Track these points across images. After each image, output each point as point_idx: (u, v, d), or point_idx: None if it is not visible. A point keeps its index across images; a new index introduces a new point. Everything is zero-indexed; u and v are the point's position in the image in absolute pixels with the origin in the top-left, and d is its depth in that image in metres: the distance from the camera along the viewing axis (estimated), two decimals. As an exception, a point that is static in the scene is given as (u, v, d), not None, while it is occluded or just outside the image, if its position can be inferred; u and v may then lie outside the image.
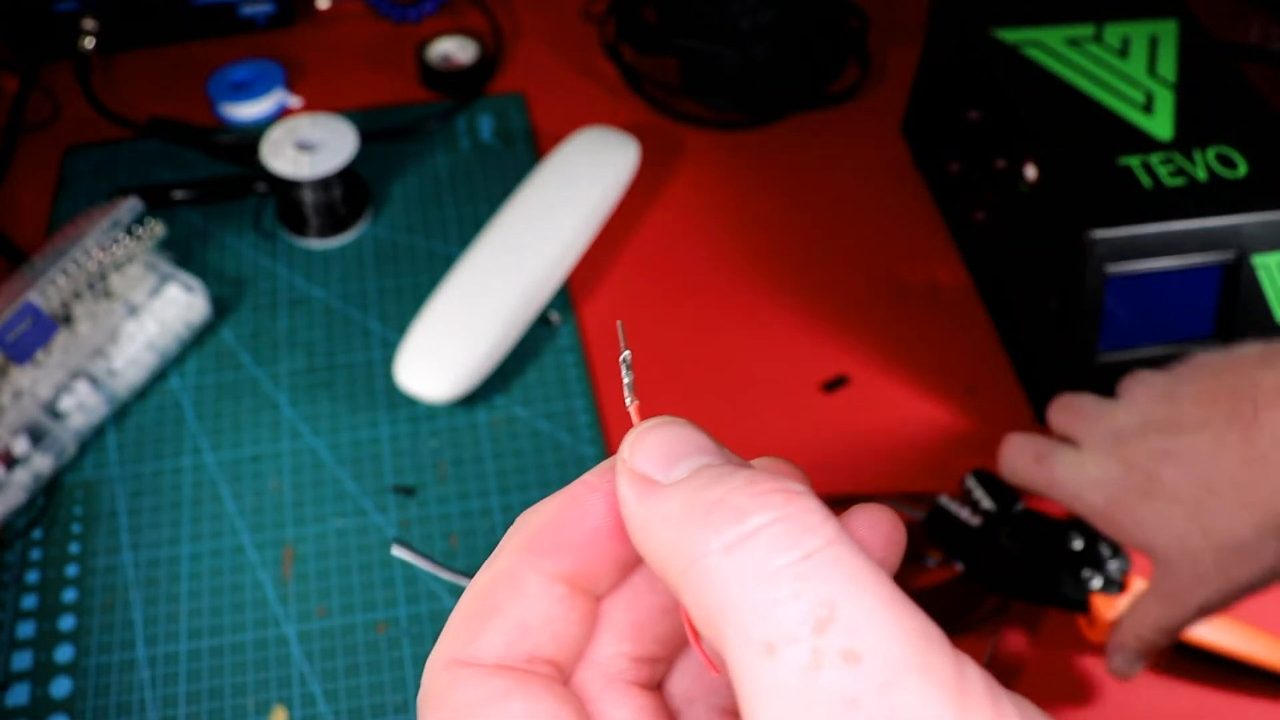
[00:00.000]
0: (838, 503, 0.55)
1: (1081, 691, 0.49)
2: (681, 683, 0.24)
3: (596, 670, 0.23)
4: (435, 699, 0.21)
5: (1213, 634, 0.47)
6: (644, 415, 0.23)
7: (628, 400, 0.24)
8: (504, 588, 0.22)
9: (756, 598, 0.18)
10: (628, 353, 0.24)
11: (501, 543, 0.23)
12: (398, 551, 0.26)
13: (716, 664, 0.22)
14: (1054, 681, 0.49)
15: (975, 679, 0.17)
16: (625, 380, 0.24)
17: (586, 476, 0.23)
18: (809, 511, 0.19)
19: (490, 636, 0.21)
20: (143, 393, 0.59)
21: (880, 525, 0.22)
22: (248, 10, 0.77)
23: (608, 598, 0.23)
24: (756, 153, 0.72)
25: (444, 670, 0.21)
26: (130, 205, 0.59)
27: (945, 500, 0.51)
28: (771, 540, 0.18)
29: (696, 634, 0.22)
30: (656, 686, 0.24)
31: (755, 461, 0.23)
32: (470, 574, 0.24)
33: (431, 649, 0.21)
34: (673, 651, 0.24)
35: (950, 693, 0.17)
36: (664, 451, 0.21)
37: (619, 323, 0.24)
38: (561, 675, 0.22)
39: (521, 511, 0.22)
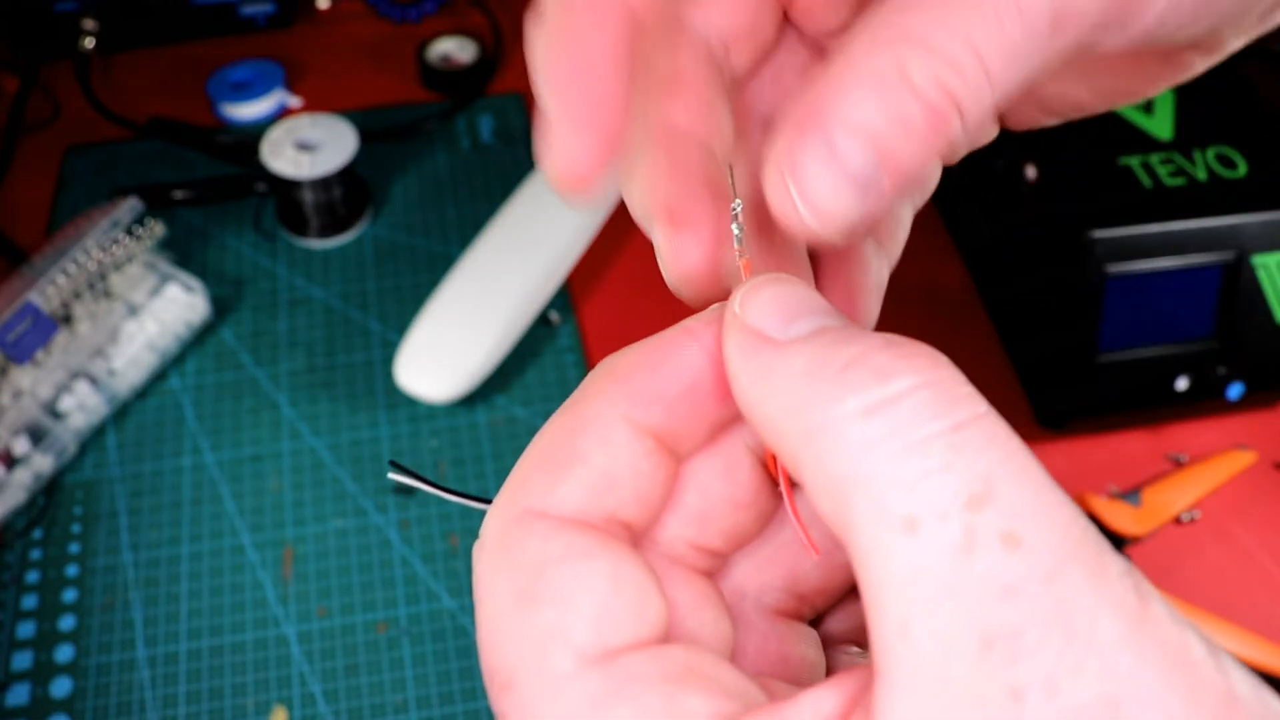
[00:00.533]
0: None
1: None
2: (733, 576, 0.22)
3: (657, 551, 0.21)
4: (501, 552, 0.19)
5: (1212, 638, 0.47)
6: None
7: (737, 253, 0.21)
8: (590, 433, 0.19)
9: (901, 467, 0.15)
10: (739, 202, 0.21)
11: (583, 385, 0.20)
12: (394, 475, 0.24)
13: (821, 544, 0.20)
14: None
15: (1142, 579, 0.15)
16: (735, 232, 0.21)
17: (687, 322, 0.20)
18: (956, 379, 0.16)
19: (570, 487, 0.19)
20: (143, 393, 0.59)
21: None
22: (248, 10, 0.77)
23: (682, 476, 0.21)
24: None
25: (515, 521, 0.19)
26: (130, 205, 0.59)
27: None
28: (919, 406, 0.16)
29: (796, 508, 0.20)
30: (709, 576, 0.22)
31: None
32: (471, 496, 0.23)
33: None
34: (733, 548, 0.22)
35: (1121, 589, 0.15)
36: (783, 307, 0.18)
37: (729, 166, 0.21)
38: (633, 541, 0.20)
39: None
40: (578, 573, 0.18)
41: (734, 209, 0.21)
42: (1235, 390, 0.55)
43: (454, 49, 0.76)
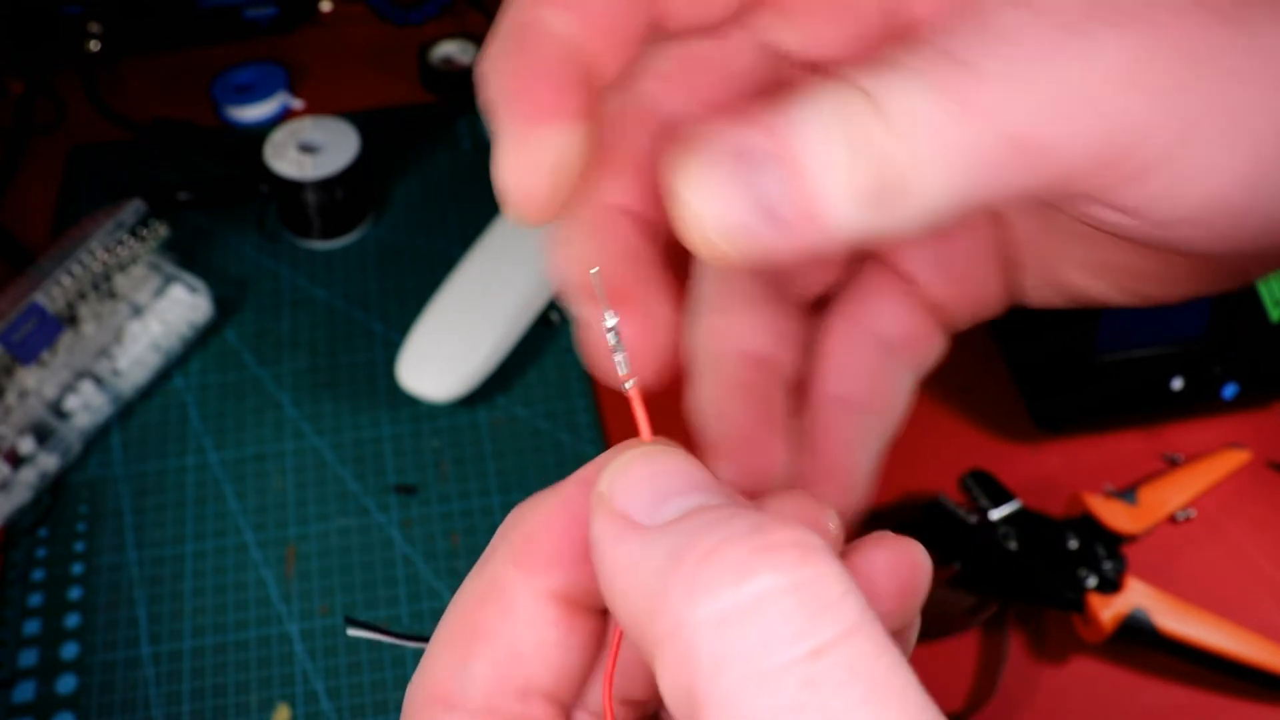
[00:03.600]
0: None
1: (1077, 691, 0.50)
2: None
3: (586, 711, 0.20)
4: None
5: (1206, 634, 0.48)
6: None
7: (623, 380, 0.19)
8: (492, 607, 0.19)
9: (750, 700, 0.14)
10: (612, 317, 0.19)
11: (489, 547, 0.20)
12: (353, 631, 0.23)
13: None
14: (1049, 680, 0.50)
15: None
16: (613, 351, 0.20)
17: (582, 472, 0.19)
18: (827, 579, 0.14)
19: (477, 667, 0.18)
20: (147, 393, 0.59)
21: (902, 568, 0.19)
22: (251, 13, 0.77)
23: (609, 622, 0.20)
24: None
25: (423, 707, 0.18)
26: (134, 207, 0.60)
27: (942, 500, 0.51)
28: (777, 618, 0.14)
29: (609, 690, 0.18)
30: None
31: (771, 499, 0.19)
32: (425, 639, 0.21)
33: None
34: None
35: None
36: (652, 486, 0.17)
37: (594, 271, 0.20)
38: (561, 713, 0.19)
39: None
40: None
41: (607, 325, 0.20)
42: (1230, 390, 0.55)
43: (455, 51, 0.76)
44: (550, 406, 0.59)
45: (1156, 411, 0.57)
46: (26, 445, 0.54)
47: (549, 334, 0.62)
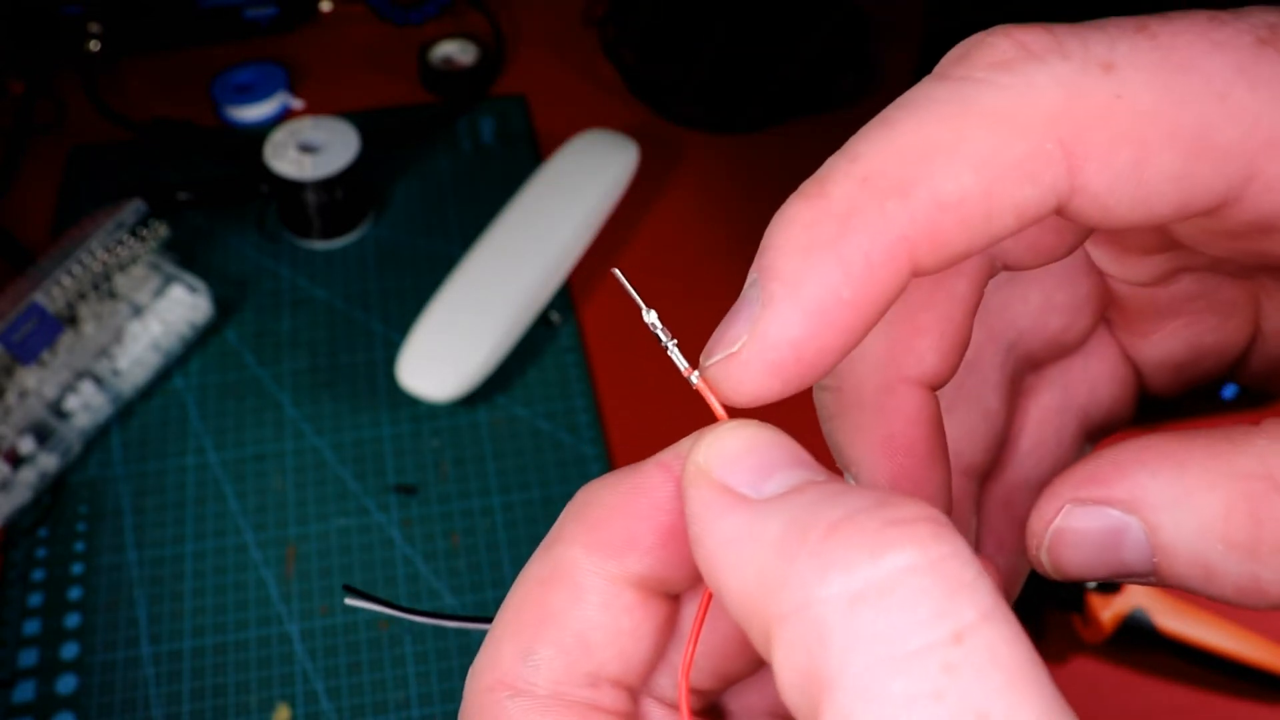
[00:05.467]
0: None
1: (1077, 691, 0.50)
2: (734, 699, 0.21)
3: (653, 698, 0.19)
4: None
5: (1206, 634, 0.48)
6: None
7: (687, 373, 0.19)
8: (561, 590, 0.18)
9: (885, 685, 0.13)
10: (653, 313, 0.19)
11: (556, 526, 0.19)
12: (351, 601, 0.22)
13: None
14: (1049, 679, 0.50)
15: None
16: (669, 347, 0.19)
17: (661, 455, 0.18)
18: (961, 558, 0.14)
19: (544, 652, 0.17)
20: (147, 393, 0.59)
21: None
22: (251, 13, 0.77)
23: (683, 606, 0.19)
24: (756, 156, 0.73)
25: (487, 695, 0.17)
26: (134, 207, 0.60)
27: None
28: (915, 599, 0.13)
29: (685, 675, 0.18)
30: (711, 709, 0.20)
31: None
32: (425, 613, 0.21)
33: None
34: (726, 686, 0.20)
35: None
36: (755, 459, 0.16)
37: (616, 271, 0.20)
38: (629, 698, 0.18)
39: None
40: None
41: (650, 322, 0.19)
42: (1230, 390, 0.55)
43: (455, 51, 0.76)
44: (550, 406, 0.59)
45: (1156, 412, 0.57)
46: (26, 445, 0.54)
47: (549, 334, 0.62)
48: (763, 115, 0.74)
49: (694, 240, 0.68)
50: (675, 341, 0.19)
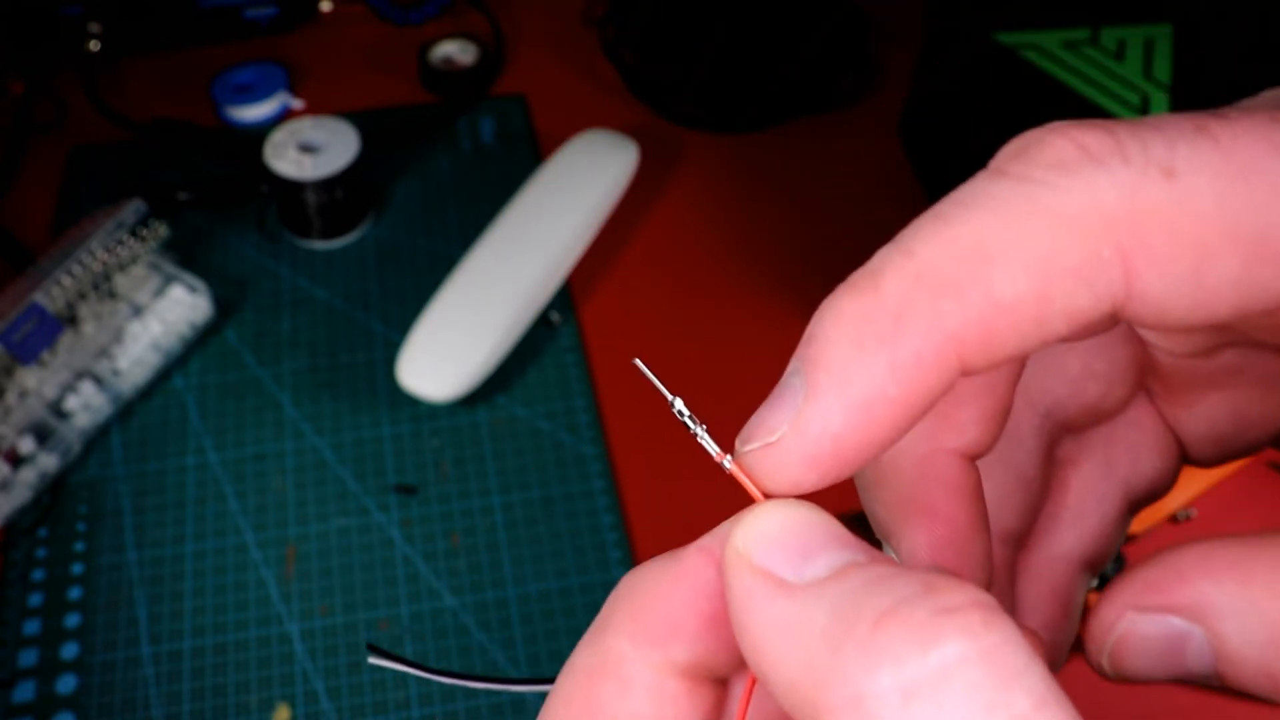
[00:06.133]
0: (852, 521, 0.55)
1: (1078, 691, 0.50)
2: None
3: None
4: None
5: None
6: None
7: (719, 459, 0.19)
8: (608, 683, 0.18)
9: None
10: (679, 401, 0.19)
11: (600, 618, 0.18)
12: (375, 660, 0.22)
13: None
14: (1050, 679, 0.50)
15: None
16: (699, 434, 0.19)
17: (703, 540, 0.18)
18: (1012, 645, 0.14)
19: None
20: (147, 393, 0.59)
21: None
22: (251, 13, 0.77)
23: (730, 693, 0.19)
24: (756, 156, 0.73)
25: None
26: (134, 207, 0.60)
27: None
28: (969, 692, 0.13)
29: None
30: None
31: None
32: (451, 674, 0.21)
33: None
34: None
35: None
36: (794, 541, 0.16)
37: (637, 361, 0.20)
38: None
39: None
40: None
41: (677, 410, 0.19)
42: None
43: (455, 51, 0.76)
44: (550, 406, 0.59)
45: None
46: (27, 445, 0.54)
47: (549, 334, 0.62)
48: (763, 115, 0.74)
49: (694, 240, 0.68)
50: (705, 427, 0.19)
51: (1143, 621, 0.17)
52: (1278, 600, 0.16)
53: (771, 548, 0.16)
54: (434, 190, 0.70)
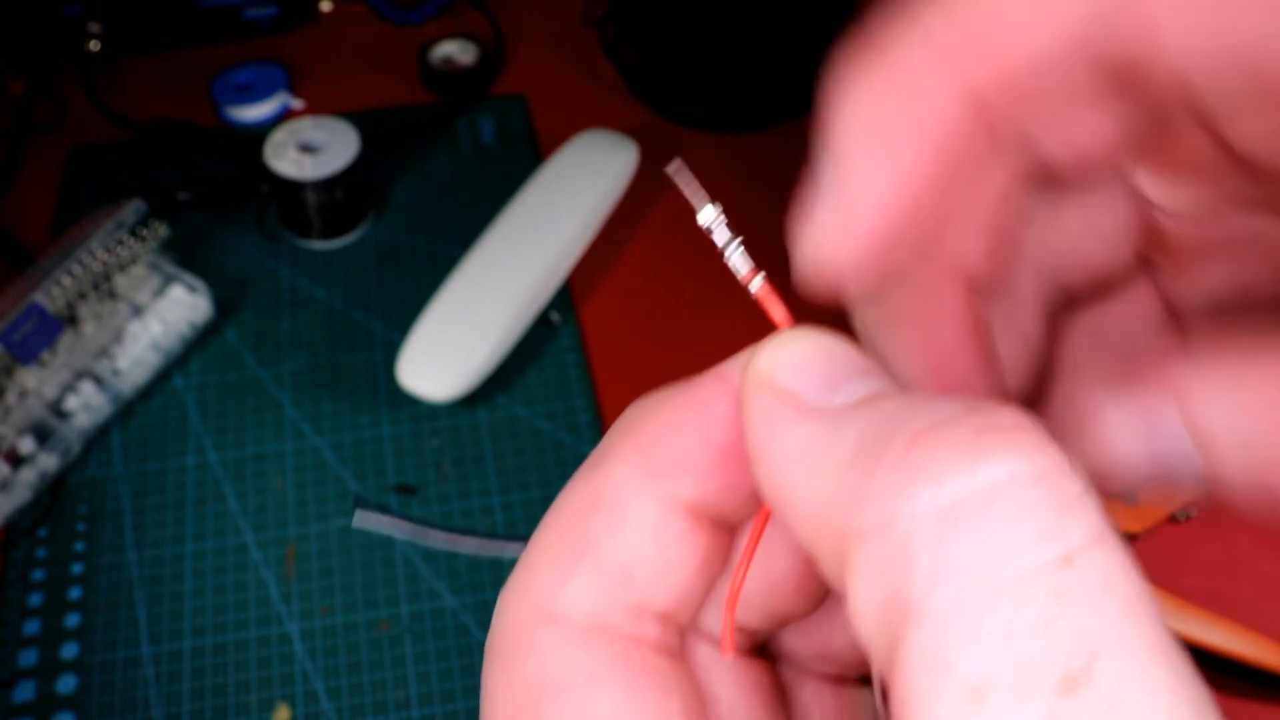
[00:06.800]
0: None
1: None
2: (785, 639, 0.19)
3: (700, 636, 0.17)
4: (503, 661, 0.16)
5: (1207, 634, 0.48)
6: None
7: (749, 277, 0.17)
8: (605, 514, 0.16)
9: (984, 614, 0.11)
10: (712, 210, 0.17)
11: (603, 444, 0.17)
12: (361, 517, 0.21)
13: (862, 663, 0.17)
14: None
15: None
16: (729, 250, 0.17)
17: (720, 367, 0.17)
18: (1066, 470, 0.12)
19: (585, 580, 0.16)
20: (147, 393, 0.59)
21: None
22: (251, 13, 0.77)
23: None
24: (756, 156, 0.73)
25: (521, 625, 0.16)
26: (134, 207, 0.60)
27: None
28: (1019, 515, 0.11)
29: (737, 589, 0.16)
30: (760, 648, 0.18)
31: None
32: (439, 527, 0.20)
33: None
34: (778, 627, 0.18)
35: None
36: (824, 366, 0.15)
37: (674, 165, 0.18)
38: (675, 632, 0.17)
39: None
40: (578, 708, 0.15)
41: (706, 222, 0.17)
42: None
43: (455, 51, 0.76)
44: (550, 406, 0.59)
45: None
46: (26, 445, 0.54)
47: (549, 334, 0.62)
48: (763, 115, 0.74)
49: (694, 240, 0.67)
50: (740, 240, 0.17)
51: (1119, 408, 0.16)
52: (1257, 381, 0.15)
53: (798, 371, 0.15)
54: (434, 190, 0.70)
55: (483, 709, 0.16)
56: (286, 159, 0.63)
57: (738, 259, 0.17)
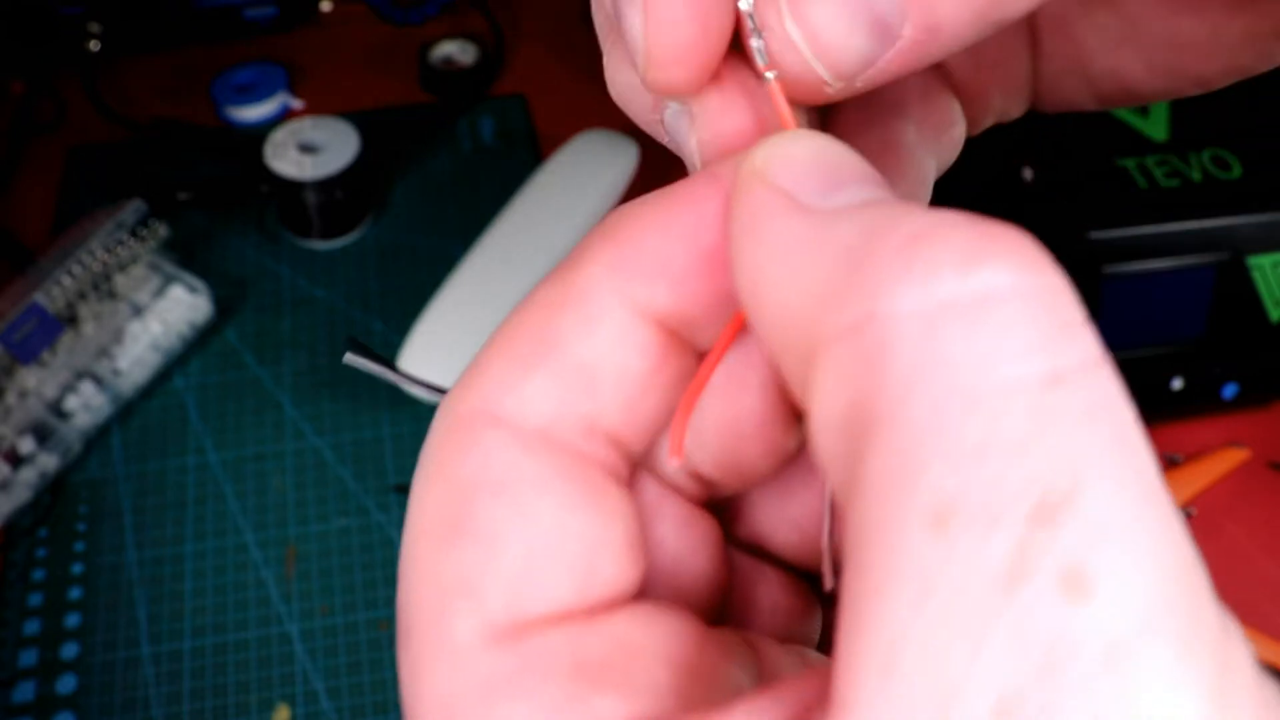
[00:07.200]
0: None
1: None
2: (753, 506, 0.17)
3: (652, 475, 0.16)
4: (439, 460, 0.14)
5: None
6: None
7: (763, 70, 0.15)
8: (571, 313, 0.15)
9: (955, 425, 0.10)
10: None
11: (577, 249, 0.15)
12: (351, 358, 0.19)
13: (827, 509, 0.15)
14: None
15: (1242, 662, 0.11)
16: (751, 34, 0.15)
17: (716, 166, 0.15)
18: (1067, 293, 0.11)
19: (539, 382, 0.14)
20: (147, 393, 0.59)
21: None
22: (251, 13, 0.77)
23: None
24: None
25: (463, 423, 0.14)
26: (134, 207, 0.60)
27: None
28: (1009, 324, 0.10)
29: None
30: (705, 503, 0.17)
31: None
32: (420, 381, 0.18)
33: None
34: (756, 476, 0.16)
35: (1208, 685, 0.10)
36: (822, 167, 0.13)
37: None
38: (625, 461, 0.15)
39: None
40: (516, 511, 0.14)
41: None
42: (1230, 390, 0.55)
43: (455, 51, 0.76)
44: (550, 406, 0.59)
45: (1156, 411, 0.57)
46: (26, 445, 0.54)
47: (549, 334, 0.62)
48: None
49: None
50: (763, 39, 0.16)
51: None
52: None
53: (796, 169, 0.13)
54: (434, 190, 0.70)
55: (409, 515, 0.15)
56: (286, 159, 0.63)
57: (759, 48, 0.15)
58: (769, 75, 0.15)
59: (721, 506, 0.18)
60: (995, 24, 0.14)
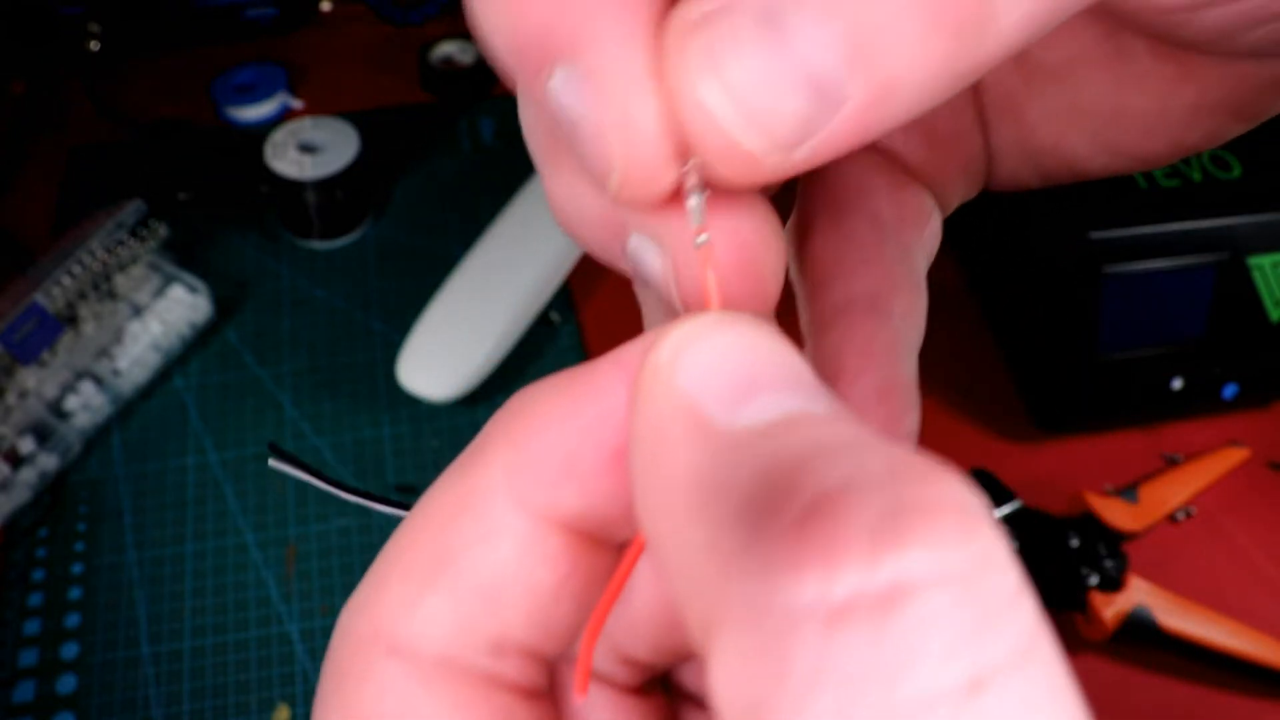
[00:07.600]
0: None
1: (1080, 689, 0.50)
2: (685, 675, 0.16)
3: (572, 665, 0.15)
4: (338, 686, 0.13)
5: (1208, 631, 0.48)
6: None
7: (695, 234, 0.14)
8: (468, 525, 0.14)
9: None
10: (697, 169, 0.13)
11: (474, 444, 0.14)
12: (275, 464, 0.18)
13: None
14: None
15: None
16: (691, 204, 0.13)
17: (622, 350, 0.14)
18: (997, 561, 0.10)
19: (437, 603, 0.13)
20: (147, 393, 0.59)
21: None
22: (251, 14, 0.77)
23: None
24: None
25: (358, 649, 0.13)
26: (134, 207, 0.60)
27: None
28: (925, 624, 0.09)
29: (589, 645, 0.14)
30: (643, 685, 0.16)
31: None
32: (339, 484, 0.17)
33: None
34: (666, 662, 0.15)
35: None
36: (736, 368, 0.12)
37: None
38: (542, 671, 0.14)
39: None
40: None
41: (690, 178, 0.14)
42: (1230, 390, 0.55)
43: (455, 51, 0.76)
44: (550, 406, 0.59)
45: (1156, 411, 0.57)
46: (27, 445, 0.54)
47: (549, 334, 0.62)
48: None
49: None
50: (703, 198, 0.14)
51: None
52: None
53: (706, 371, 0.12)
54: (434, 190, 0.70)
55: None
56: (286, 159, 0.63)
57: (697, 212, 0.14)
58: (699, 239, 0.14)
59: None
60: (955, 81, 0.13)
